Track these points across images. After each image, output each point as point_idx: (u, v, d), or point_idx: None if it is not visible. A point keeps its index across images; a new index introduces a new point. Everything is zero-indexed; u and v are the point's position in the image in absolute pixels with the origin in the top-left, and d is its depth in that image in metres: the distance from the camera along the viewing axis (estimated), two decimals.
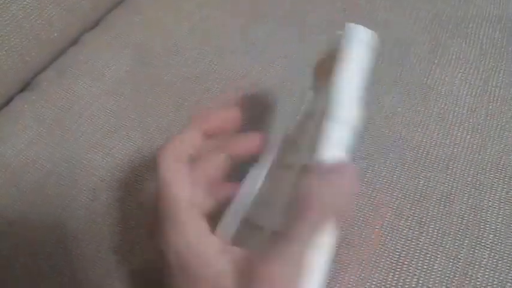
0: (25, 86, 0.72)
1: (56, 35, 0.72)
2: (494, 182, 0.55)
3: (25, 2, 0.66)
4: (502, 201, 0.53)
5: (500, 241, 0.51)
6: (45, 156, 0.61)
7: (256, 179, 0.45)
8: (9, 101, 0.70)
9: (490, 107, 0.61)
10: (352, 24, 0.42)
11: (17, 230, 0.55)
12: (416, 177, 0.56)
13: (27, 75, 0.72)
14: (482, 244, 0.50)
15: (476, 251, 0.50)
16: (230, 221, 0.42)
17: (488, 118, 0.60)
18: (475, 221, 0.52)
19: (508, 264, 0.49)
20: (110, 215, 0.55)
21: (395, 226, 0.52)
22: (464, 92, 0.63)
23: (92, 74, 0.70)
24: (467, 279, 0.48)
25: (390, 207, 0.53)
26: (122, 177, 0.58)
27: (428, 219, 0.52)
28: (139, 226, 0.54)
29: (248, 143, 0.46)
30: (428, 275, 0.49)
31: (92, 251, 0.53)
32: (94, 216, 0.55)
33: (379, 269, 0.49)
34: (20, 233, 0.55)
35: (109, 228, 0.54)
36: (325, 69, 0.43)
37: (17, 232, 0.55)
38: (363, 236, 0.51)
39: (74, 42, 0.77)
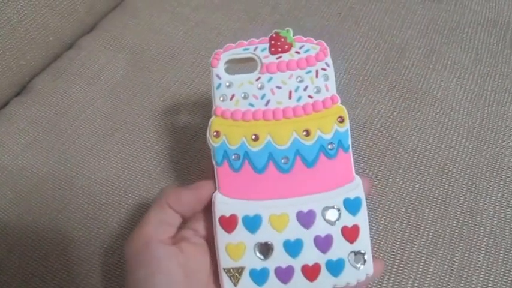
0: (21, 90, 0.72)
1: (51, 38, 0.72)
2: (490, 186, 0.55)
3: (19, 6, 0.66)
4: (497, 204, 0.54)
5: (495, 244, 0.51)
6: (41, 159, 0.61)
7: None
8: (4, 104, 0.70)
9: (486, 111, 0.61)
10: None
11: (13, 232, 0.55)
12: (412, 181, 0.56)
13: (23, 79, 0.72)
14: (477, 247, 0.51)
15: (471, 253, 0.50)
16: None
17: (484, 122, 0.60)
18: (470, 224, 0.52)
19: (503, 267, 0.49)
20: (106, 218, 0.55)
21: (390, 229, 0.52)
22: (460, 97, 0.63)
23: (88, 77, 0.70)
24: (462, 281, 0.48)
25: (386, 210, 0.54)
26: (118, 181, 0.58)
27: (423, 222, 0.53)
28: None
29: None
30: (423, 277, 0.49)
31: (88, 253, 0.53)
32: (90, 219, 0.55)
33: None
34: (16, 236, 0.55)
35: (105, 230, 0.54)
36: None
37: (13, 234, 0.55)
38: None
39: (70, 46, 0.77)
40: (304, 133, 0.42)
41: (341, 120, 0.42)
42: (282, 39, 0.44)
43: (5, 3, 0.64)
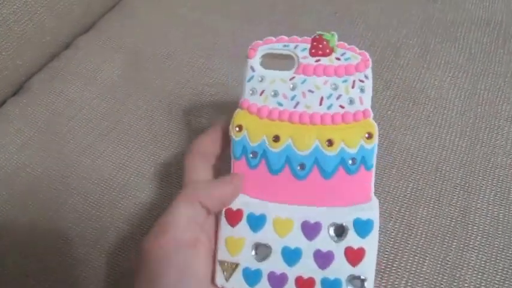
0: (17, 90, 0.72)
1: (47, 38, 0.72)
2: (483, 184, 0.55)
3: (15, 6, 0.66)
4: (490, 203, 0.54)
5: (488, 243, 0.51)
6: (37, 159, 0.61)
7: None
8: (1, 104, 0.70)
9: (479, 110, 0.61)
10: None
11: (8, 232, 0.55)
12: (405, 180, 0.56)
13: (19, 79, 0.72)
14: (470, 246, 0.51)
15: (465, 253, 0.50)
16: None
17: (477, 121, 0.60)
18: (463, 223, 0.52)
19: (496, 266, 0.49)
20: (101, 217, 0.55)
21: (384, 228, 0.52)
22: (453, 96, 0.63)
23: (84, 77, 0.70)
24: (455, 281, 0.49)
25: (379, 210, 0.54)
26: (113, 180, 0.58)
27: (417, 222, 0.53)
28: (130, 228, 0.54)
29: None
30: (417, 277, 0.49)
31: (83, 253, 0.53)
32: (85, 219, 0.55)
33: None
34: (11, 236, 0.55)
35: (100, 230, 0.54)
36: None
37: (8, 234, 0.55)
38: None
39: (66, 46, 0.77)
40: (327, 143, 0.41)
41: (369, 136, 0.42)
42: (324, 42, 0.44)
43: (1, 3, 0.64)
